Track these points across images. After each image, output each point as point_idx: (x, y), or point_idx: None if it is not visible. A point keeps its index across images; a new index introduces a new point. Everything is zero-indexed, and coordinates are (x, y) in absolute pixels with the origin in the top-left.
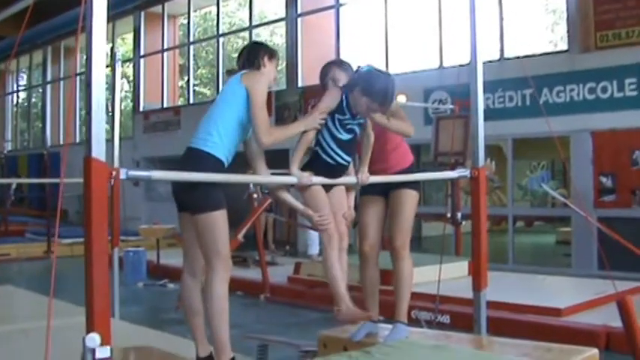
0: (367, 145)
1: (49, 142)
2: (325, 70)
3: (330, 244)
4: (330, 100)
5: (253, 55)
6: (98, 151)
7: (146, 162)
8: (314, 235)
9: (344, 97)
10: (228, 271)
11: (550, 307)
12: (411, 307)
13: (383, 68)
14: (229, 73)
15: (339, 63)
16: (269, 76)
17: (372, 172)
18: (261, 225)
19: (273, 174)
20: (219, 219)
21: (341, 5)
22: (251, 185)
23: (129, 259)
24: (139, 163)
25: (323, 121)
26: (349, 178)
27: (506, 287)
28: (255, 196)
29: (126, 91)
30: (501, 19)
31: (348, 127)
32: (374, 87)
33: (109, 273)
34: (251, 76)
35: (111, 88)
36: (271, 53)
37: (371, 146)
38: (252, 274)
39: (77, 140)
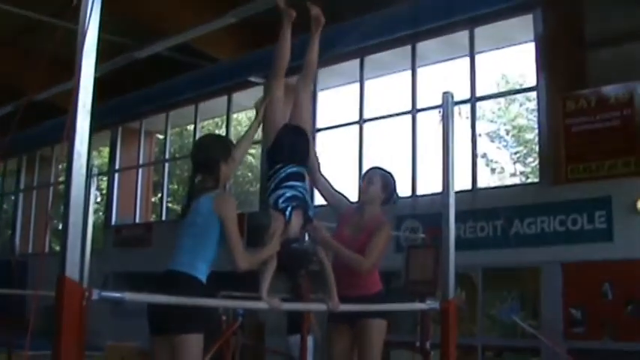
0: (325, 272)
1: (17, 250)
2: None
3: None
4: (277, 224)
5: (210, 162)
6: (72, 271)
7: (115, 276)
8: None
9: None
10: None
11: None
12: None
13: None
14: (191, 193)
15: None
16: (228, 180)
17: (340, 296)
18: (229, 348)
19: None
20: (198, 342)
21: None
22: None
23: None
24: (107, 277)
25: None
26: (319, 305)
27: None
28: (224, 318)
29: (97, 203)
30: (474, 150)
31: None
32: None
33: None
34: (222, 203)
35: (84, 201)
36: (226, 156)
37: (330, 273)
38: None
39: (46, 250)
